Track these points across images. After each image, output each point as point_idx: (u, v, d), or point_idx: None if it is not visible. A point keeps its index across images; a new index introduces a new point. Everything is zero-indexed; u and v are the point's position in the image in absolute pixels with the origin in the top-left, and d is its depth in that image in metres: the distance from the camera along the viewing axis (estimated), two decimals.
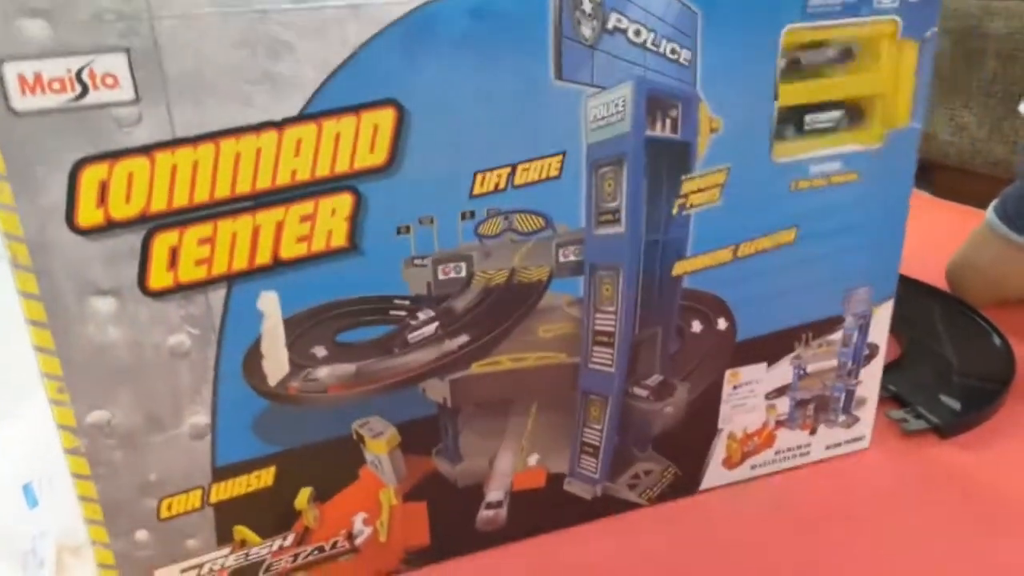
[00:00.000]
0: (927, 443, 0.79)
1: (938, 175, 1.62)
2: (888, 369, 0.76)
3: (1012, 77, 1.70)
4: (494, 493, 0.64)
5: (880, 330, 0.73)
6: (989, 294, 1.00)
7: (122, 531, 0.56)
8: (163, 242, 0.50)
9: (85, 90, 0.45)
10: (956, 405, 0.82)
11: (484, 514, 0.64)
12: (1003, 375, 0.87)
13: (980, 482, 0.73)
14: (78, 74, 0.45)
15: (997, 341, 0.92)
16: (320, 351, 0.55)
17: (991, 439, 0.79)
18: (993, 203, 1.00)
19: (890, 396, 0.83)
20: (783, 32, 0.60)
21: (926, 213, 1.27)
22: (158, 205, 0.49)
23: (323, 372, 0.56)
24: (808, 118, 0.65)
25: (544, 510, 0.67)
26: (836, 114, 0.66)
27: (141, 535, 0.57)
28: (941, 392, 0.84)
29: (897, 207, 0.70)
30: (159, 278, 0.50)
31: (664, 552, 0.66)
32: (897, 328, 0.74)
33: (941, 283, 1.04)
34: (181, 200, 0.49)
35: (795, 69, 0.63)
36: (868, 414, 0.75)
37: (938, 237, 1.05)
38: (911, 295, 0.97)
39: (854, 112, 0.67)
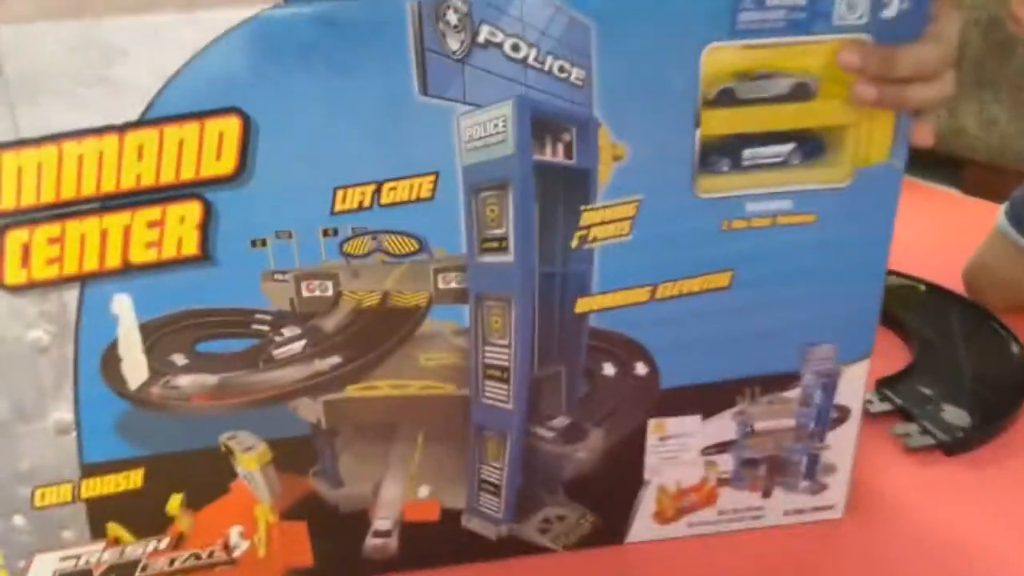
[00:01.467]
0: (931, 459, 0.72)
1: (967, 171, 1.47)
2: (896, 379, 0.69)
3: None
4: (381, 522, 0.62)
5: (853, 391, 0.65)
6: (1004, 299, 0.91)
7: (0, 514, 0.58)
8: (15, 239, 0.51)
9: None
10: (966, 419, 0.74)
11: (372, 542, 0.62)
12: (1019, 385, 0.78)
13: (985, 503, 0.67)
14: None
15: (1015, 349, 0.83)
16: (179, 359, 0.55)
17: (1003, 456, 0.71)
18: (1004, 205, 0.90)
19: (895, 410, 0.76)
20: (704, 52, 0.54)
21: (952, 211, 1.17)
22: (7, 203, 0.50)
23: (184, 381, 0.55)
24: (747, 152, 0.58)
25: (440, 544, 0.63)
26: (783, 148, 0.59)
27: (18, 520, 0.58)
28: (950, 404, 0.76)
29: (871, 256, 0.62)
30: (14, 274, 0.52)
31: None
32: (910, 334, 0.66)
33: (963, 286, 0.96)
34: (28, 199, 0.50)
35: (731, 99, 0.57)
36: (840, 482, 0.67)
37: (963, 237, 0.96)
38: (927, 299, 0.92)
39: (812, 146, 0.60)
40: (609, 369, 0.61)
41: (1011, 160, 1.60)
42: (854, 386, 0.65)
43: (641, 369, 0.61)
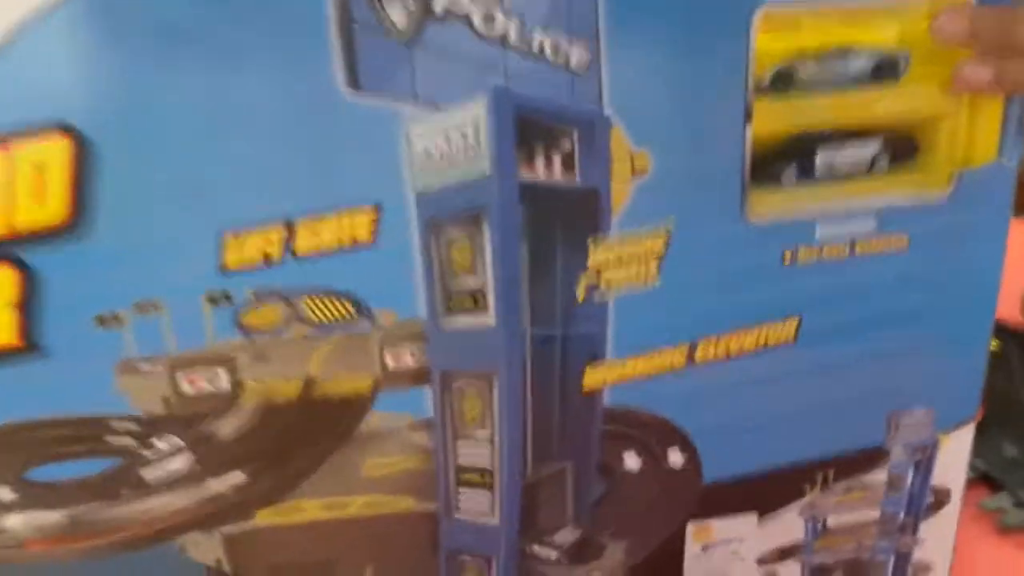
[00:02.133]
0: None
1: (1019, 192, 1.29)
2: None
3: None
4: None
5: (954, 467, 0.49)
6: None
7: None
8: None
9: None
10: None
11: None
12: None
13: None
14: None
15: None
16: (5, 493, 0.37)
17: None
18: None
19: (977, 477, 0.60)
20: (755, 17, 0.37)
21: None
22: None
23: (14, 521, 0.37)
24: (822, 155, 0.41)
25: None
26: (867, 149, 0.42)
27: None
28: None
29: (979, 287, 0.45)
30: None
31: None
32: None
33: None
34: None
35: (788, 84, 0.40)
36: None
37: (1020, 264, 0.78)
38: None
39: (903, 145, 0.43)
40: (632, 461, 0.44)
41: None
42: (955, 460, 0.48)
43: (676, 458, 0.44)
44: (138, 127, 0.33)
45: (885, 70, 0.41)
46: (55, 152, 0.33)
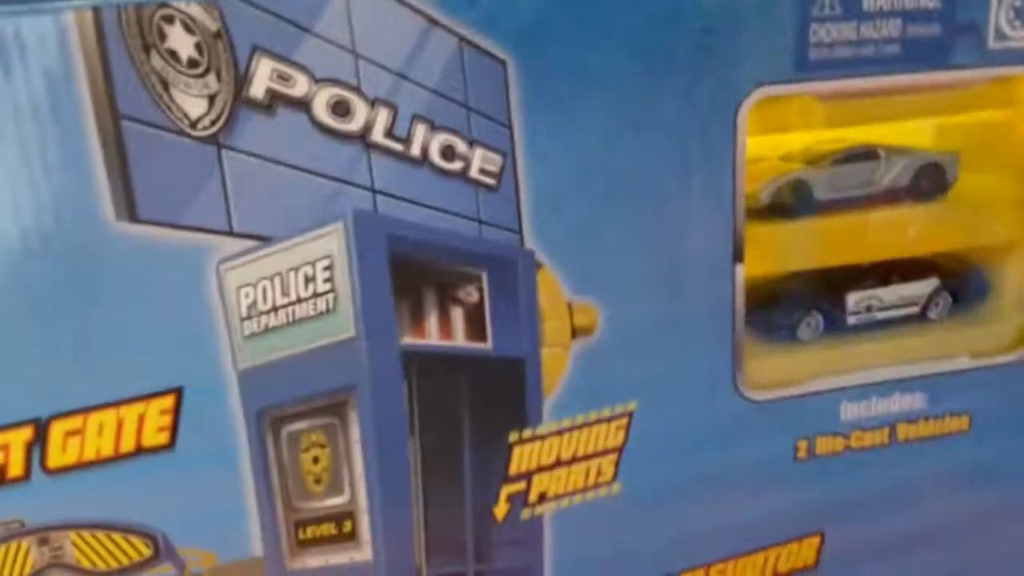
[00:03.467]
0: None
1: None
2: None
3: None
4: None
5: None
6: None
7: None
8: None
9: None
10: None
11: None
12: None
13: None
14: None
15: None
16: None
17: None
18: None
19: None
20: (747, 103, 0.25)
21: None
22: None
23: None
24: (853, 299, 0.29)
25: None
26: (922, 287, 0.30)
27: None
28: None
29: None
30: None
31: None
32: None
33: None
34: None
35: (800, 203, 0.28)
36: None
37: None
38: None
39: (963, 284, 0.31)
40: None
41: None
42: None
43: None
44: None
45: (929, 179, 0.29)
46: None
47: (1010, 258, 0.31)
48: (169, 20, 0.22)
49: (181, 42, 0.22)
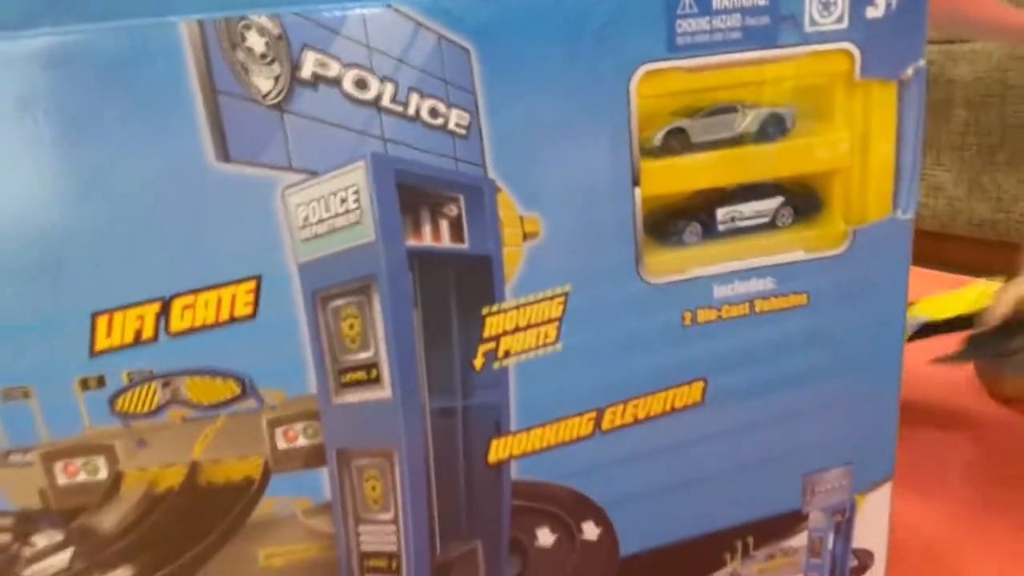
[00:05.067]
0: None
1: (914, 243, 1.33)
2: None
3: (986, 126, 1.40)
4: None
5: (874, 529, 0.47)
6: None
7: None
8: None
9: None
10: None
11: None
12: None
13: None
14: None
15: None
16: None
17: None
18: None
19: None
20: (635, 77, 0.37)
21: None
22: None
23: None
24: (721, 211, 0.41)
25: None
26: (772, 203, 0.42)
27: None
28: None
29: (882, 342, 0.45)
30: None
31: None
32: None
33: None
34: None
35: (682, 144, 0.40)
36: None
37: None
38: None
39: (804, 201, 0.43)
40: (546, 537, 0.42)
41: (961, 226, 1.47)
42: (876, 521, 0.47)
43: (591, 532, 0.42)
44: None
45: (771, 125, 0.41)
46: None
47: (834, 181, 0.44)
48: (248, 27, 0.34)
49: (256, 42, 0.34)
